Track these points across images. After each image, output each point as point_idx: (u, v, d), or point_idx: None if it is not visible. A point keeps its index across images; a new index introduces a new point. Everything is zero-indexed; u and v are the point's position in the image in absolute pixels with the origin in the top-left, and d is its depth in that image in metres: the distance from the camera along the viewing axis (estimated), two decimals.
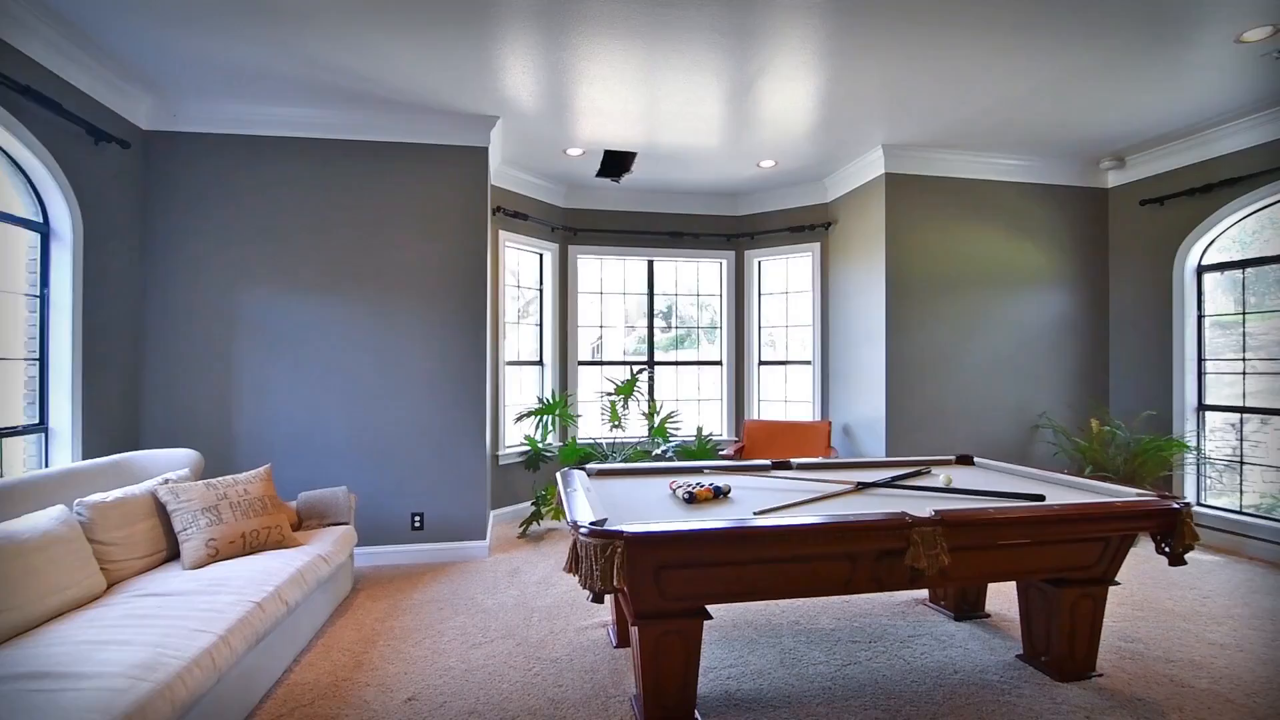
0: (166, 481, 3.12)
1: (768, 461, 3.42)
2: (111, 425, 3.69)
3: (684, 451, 5.22)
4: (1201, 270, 4.78)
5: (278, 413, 4.11)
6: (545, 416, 5.25)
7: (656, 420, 5.39)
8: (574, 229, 5.91)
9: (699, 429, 5.51)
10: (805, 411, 6.05)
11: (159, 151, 4.01)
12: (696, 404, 6.42)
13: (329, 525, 3.58)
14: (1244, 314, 4.58)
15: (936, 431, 5.00)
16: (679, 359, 6.48)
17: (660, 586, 2.17)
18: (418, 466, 4.25)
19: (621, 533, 2.01)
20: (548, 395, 5.72)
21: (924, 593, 3.54)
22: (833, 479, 3.05)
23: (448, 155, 4.32)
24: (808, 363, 6.04)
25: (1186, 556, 4.22)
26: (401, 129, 4.22)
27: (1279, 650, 2.92)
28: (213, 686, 2.12)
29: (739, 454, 5.48)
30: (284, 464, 4.07)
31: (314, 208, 4.16)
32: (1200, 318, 4.79)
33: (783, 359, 6.29)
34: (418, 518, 4.24)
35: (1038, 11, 3.02)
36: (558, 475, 3.02)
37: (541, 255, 5.87)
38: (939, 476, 3.07)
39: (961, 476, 3.17)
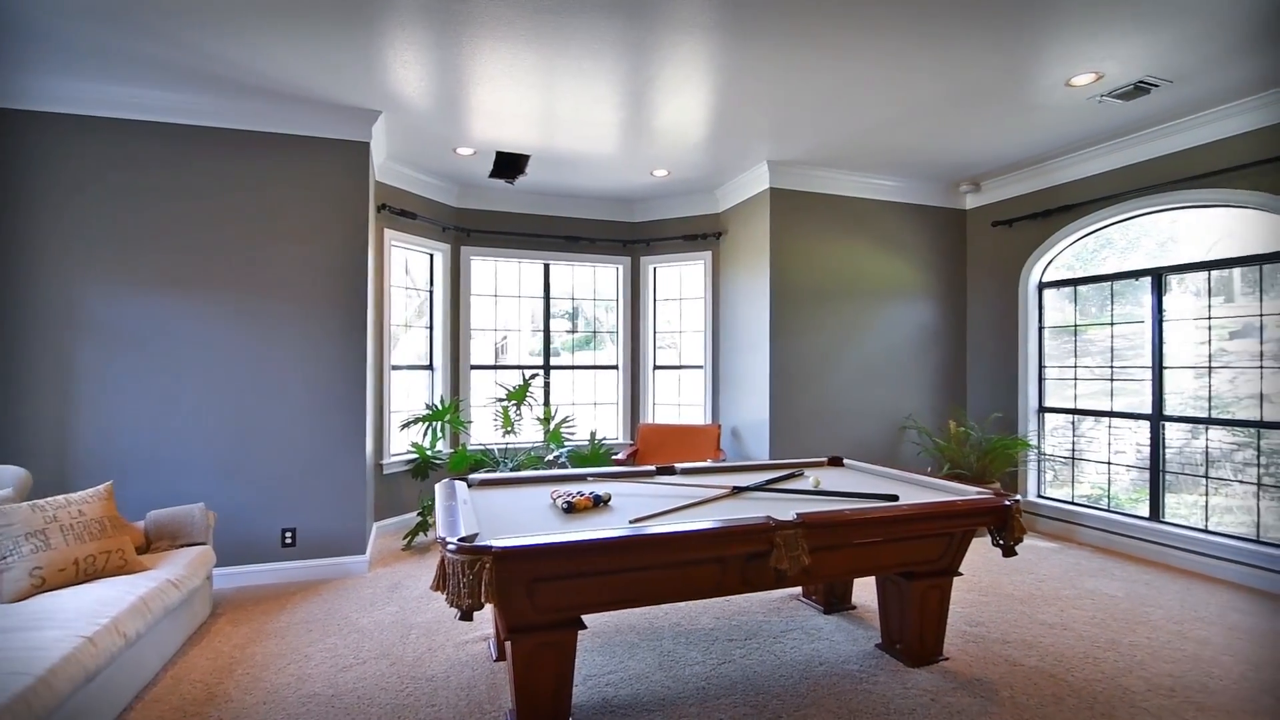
0: None
1: (652, 467, 3.48)
2: None
3: (576, 456, 5.22)
4: (1042, 286, 5.34)
5: (125, 424, 3.74)
6: (435, 423, 5.09)
7: (551, 425, 5.36)
8: (467, 230, 5.77)
9: (592, 434, 5.52)
10: (697, 415, 6.22)
11: None
12: (593, 408, 6.44)
13: (182, 546, 3.31)
14: (1075, 326, 5.15)
15: (815, 433, 5.28)
16: (575, 363, 6.48)
17: (533, 599, 2.16)
18: (289, 479, 4.00)
19: (490, 548, 1.98)
20: (438, 400, 5.55)
21: (799, 588, 3.72)
22: (711, 484, 3.15)
23: (325, 148, 4.10)
24: (700, 367, 6.21)
25: (1027, 544, 4.73)
26: (274, 118, 3.96)
27: (1096, 627, 3.31)
28: None
29: (632, 457, 5.55)
30: (132, 481, 3.72)
31: (172, 199, 3.82)
32: (1041, 329, 5.35)
33: (677, 363, 6.43)
34: (289, 534, 3.99)
35: (902, 46, 3.24)
36: (437, 487, 2.94)
37: (432, 256, 5.69)
38: (809, 479, 3.24)
39: (830, 478, 3.37)
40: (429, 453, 5.05)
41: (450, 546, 1.99)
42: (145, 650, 2.70)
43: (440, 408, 5.08)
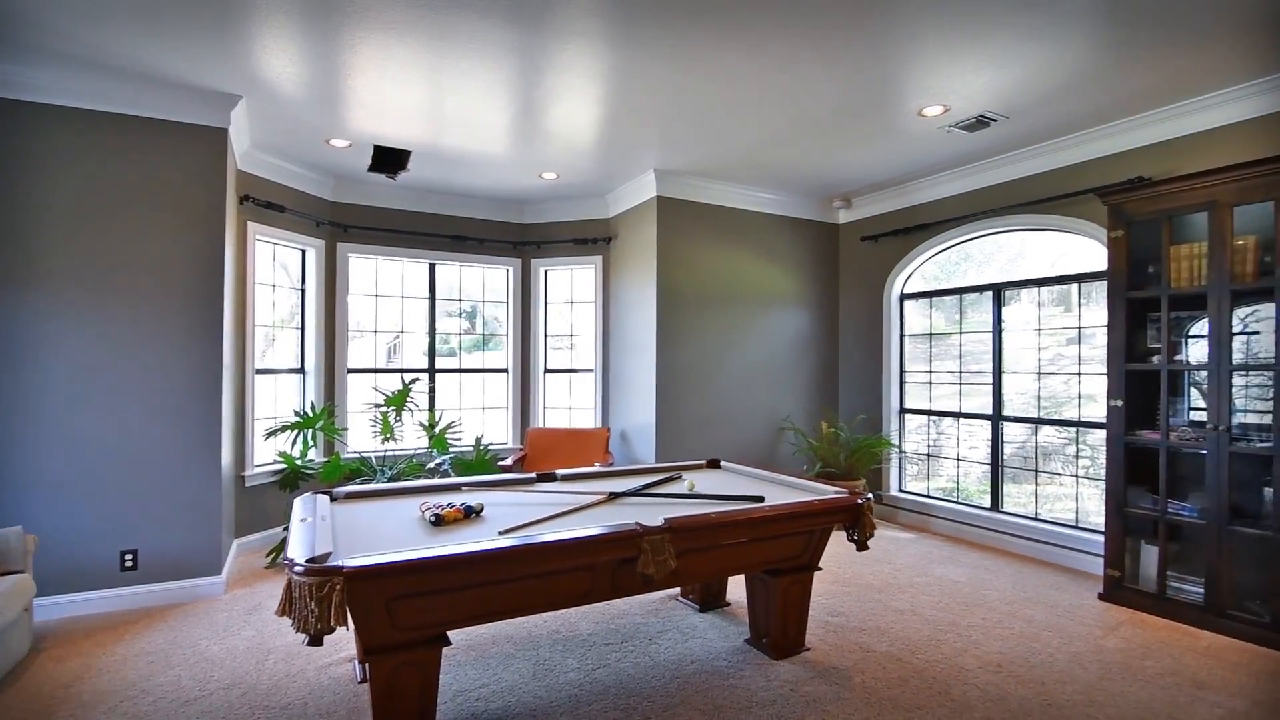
0: None
1: (533, 475, 3.46)
2: None
3: (461, 463, 5.09)
4: (903, 298, 5.78)
5: None
6: (305, 431, 4.78)
7: (435, 431, 5.19)
8: (344, 225, 5.47)
9: (478, 439, 5.40)
10: (588, 418, 6.23)
11: None
12: (481, 412, 6.30)
13: None
14: (932, 334, 5.62)
15: (699, 436, 5.45)
16: (464, 366, 6.31)
17: (393, 618, 2.09)
18: (130, 495, 3.62)
19: (341, 568, 1.89)
20: (309, 407, 5.23)
21: (677, 589, 3.82)
22: (590, 490, 3.17)
23: (176, 133, 3.75)
24: (591, 370, 6.23)
25: (888, 535, 5.11)
26: (116, 97, 3.57)
27: (941, 611, 3.62)
28: None
29: (520, 463, 5.48)
30: None
31: None
32: (902, 337, 5.79)
33: (569, 366, 6.41)
34: (129, 556, 3.62)
35: (781, 66, 3.36)
36: (295, 502, 2.77)
37: (304, 252, 5.35)
38: (685, 482, 3.33)
39: (706, 480, 3.48)
40: (299, 462, 4.74)
41: (297, 568, 1.88)
42: None
43: (311, 414, 4.79)
